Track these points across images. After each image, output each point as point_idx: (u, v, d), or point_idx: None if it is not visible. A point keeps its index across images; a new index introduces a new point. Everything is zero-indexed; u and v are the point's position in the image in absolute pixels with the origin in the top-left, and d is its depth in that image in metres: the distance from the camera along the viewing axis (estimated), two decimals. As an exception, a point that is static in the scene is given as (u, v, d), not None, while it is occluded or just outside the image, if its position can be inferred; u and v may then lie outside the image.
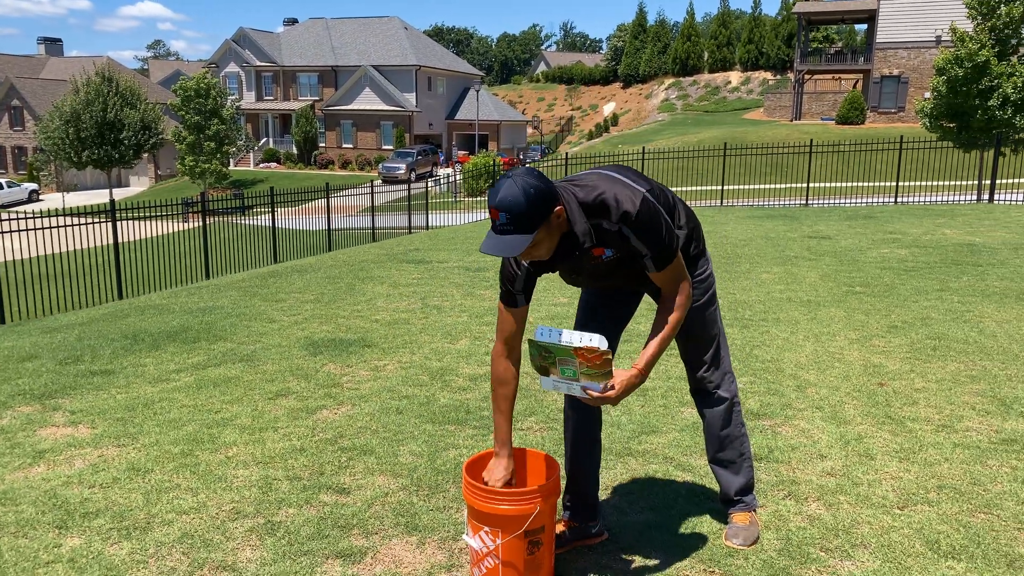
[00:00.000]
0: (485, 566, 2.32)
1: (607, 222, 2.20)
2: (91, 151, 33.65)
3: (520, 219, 2.04)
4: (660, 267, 2.26)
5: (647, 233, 2.20)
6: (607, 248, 2.25)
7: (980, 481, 3.07)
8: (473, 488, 2.30)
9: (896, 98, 38.19)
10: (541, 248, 2.15)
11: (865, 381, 4.31)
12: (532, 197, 2.05)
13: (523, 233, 2.06)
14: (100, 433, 3.63)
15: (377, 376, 4.48)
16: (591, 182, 2.24)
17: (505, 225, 2.05)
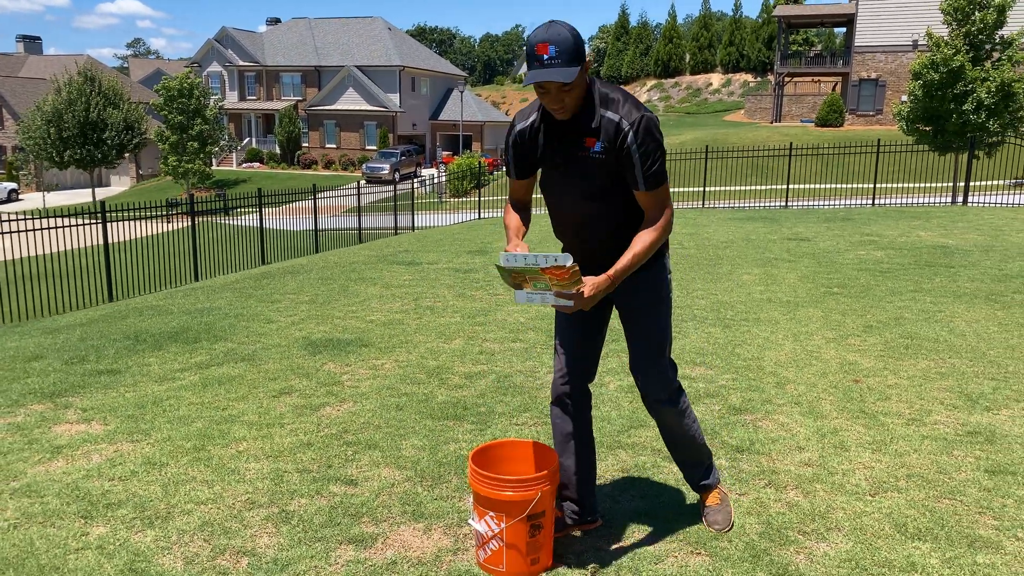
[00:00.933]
0: (490, 548, 2.52)
1: (614, 115, 2.34)
2: (73, 151, 33.49)
3: (567, 52, 2.22)
4: (649, 187, 2.37)
5: (645, 142, 2.33)
6: (599, 141, 2.36)
7: (946, 470, 3.31)
8: (480, 476, 2.49)
9: (874, 101, 38.77)
10: (572, 96, 2.30)
11: (841, 378, 4.54)
12: (576, 35, 2.25)
13: (569, 66, 2.23)
14: (113, 429, 3.78)
15: (376, 375, 4.66)
16: (613, 87, 2.43)
17: (554, 58, 2.22)
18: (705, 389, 4.35)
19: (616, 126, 2.34)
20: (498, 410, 4.05)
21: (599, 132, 2.35)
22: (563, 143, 2.43)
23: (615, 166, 2.39)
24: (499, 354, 5.11)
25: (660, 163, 2.37)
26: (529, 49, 2.28)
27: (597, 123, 2.36)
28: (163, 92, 35.84)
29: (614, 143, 2.34)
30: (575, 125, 2.39)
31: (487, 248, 10.39)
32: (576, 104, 2.34)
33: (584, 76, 2.31)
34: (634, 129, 2.32)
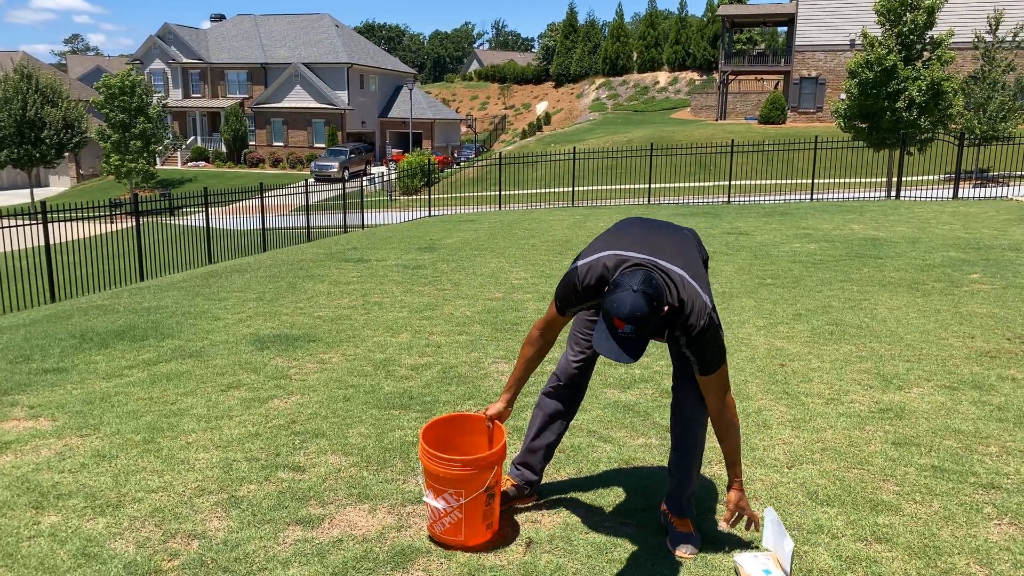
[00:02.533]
0: (447, 522, 2.67)
1: (672, 316, 2.44)
2: (10, 150, 32.53)
3: (643, 329, 2.26)
4: (705, 373, 2.52)
5: (701, 346, 2.46)
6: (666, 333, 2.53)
7: (857, 443, 3.57)
8: (436, 458, 2.66)
9: (815, 99, 39.84)
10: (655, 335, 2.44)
11: (768, 363, 4.81)
12: (656, 309, 2.27)
13: (644, 343, 2.29)
14: (61, 425, 3.84)
15: (323, 368, 4.77)
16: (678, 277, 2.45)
17: (630, 335, 2.25)
18: (640, 375, 4.57)
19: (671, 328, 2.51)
20: (443, 399, 4.20)
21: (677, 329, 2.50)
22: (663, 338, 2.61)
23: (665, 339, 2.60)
24: (445, 346, 5.26)
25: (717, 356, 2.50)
26: (605, 313, 2.29)
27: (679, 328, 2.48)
28: (104, 90, 35.01)
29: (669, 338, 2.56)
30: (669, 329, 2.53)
31: (435, 245, 10.52)
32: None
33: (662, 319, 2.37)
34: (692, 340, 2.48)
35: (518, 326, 5.78)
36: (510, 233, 11.87)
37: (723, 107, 44.74)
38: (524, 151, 38.14)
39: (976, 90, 26.11)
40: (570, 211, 17.27)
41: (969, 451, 3.47)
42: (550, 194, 25.10)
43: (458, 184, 29.56)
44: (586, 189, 23.52)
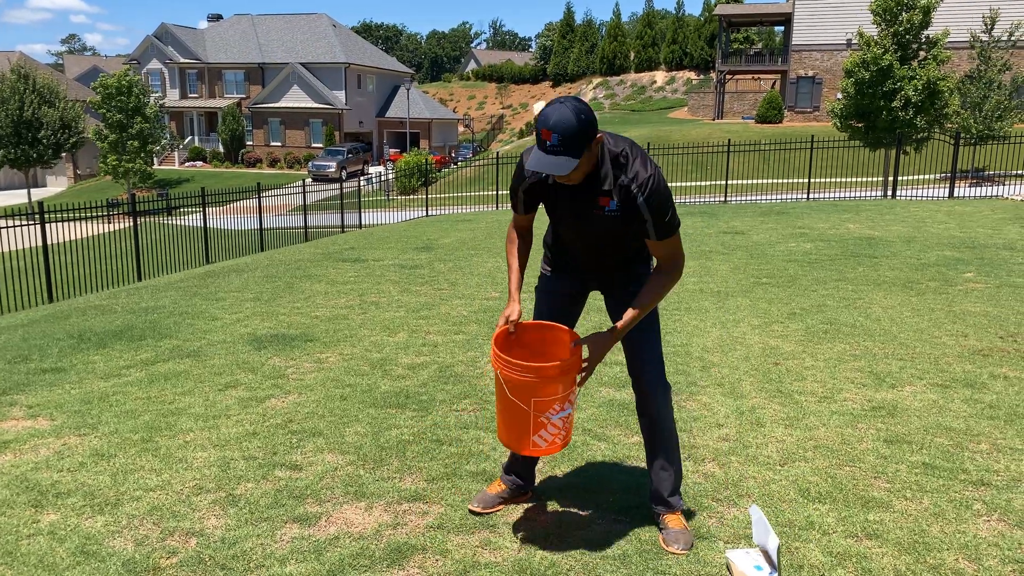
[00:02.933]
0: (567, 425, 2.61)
1: (624, 177, 2.43)
2: (7, 151, 32.52)
3: (570, 141, 2.25)
4: (660, 237, 2.48)
5: (655, 200, 2.42)
6: (613, 200, 2.45)
7: (849, 441, 3.60)
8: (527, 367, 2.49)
9: (811, 98, 39.92)
10: (578, 171, 2.38)
11: (762, 361, 4.84)
12: (583, 122, 2.27)
13: (571, 156, 2.28)
14: (60, 424, 3.86)
15: (320, 367, 4.80)
16: (619, 140, 2.49)
17: (556, 146, 2.26)
18: (635, 374, 4.59)
19: (627, 190, 2.44)
20: (439, 398, 4.23)
21: (612, 193, 2.46)
22: (575, 201, 2.53)
23: (627, 221, 2.50)
24: (442, 346, 5.29)
25: (671, 213, 2.48)
26: (536, 127, 2.34)
27: (610, 186, 2.45)
28: (101, 90, 35.00)
29: (626, 204, 2.46)
30: (588, 185, 2.48)
31: (433, 244, 10.55)
32: (583, 175, 2.43)
33: (592, 152, 2.36)
34: (644, 193, 2.42)
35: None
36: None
37: (720, 106, 44.81)
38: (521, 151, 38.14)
39: (972, 89, 26.18)
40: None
41: (960, 448, 3.50)
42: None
43: (456, 184, 29.59)
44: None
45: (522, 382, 2.48)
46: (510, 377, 2.50)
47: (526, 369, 2.48)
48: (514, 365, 2.49)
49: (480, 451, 3.51)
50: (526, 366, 2.48)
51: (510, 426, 2.60)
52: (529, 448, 2.59)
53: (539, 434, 2.55)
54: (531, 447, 2.59)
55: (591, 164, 2.42)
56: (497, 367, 2.53)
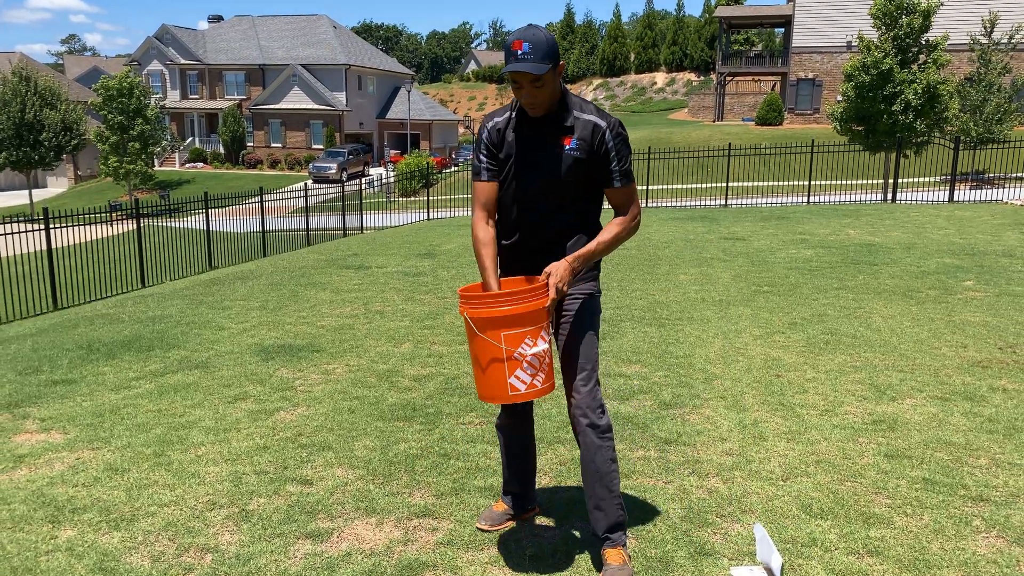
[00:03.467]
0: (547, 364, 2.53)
1: (588, 115, 2.58)
2: (9, 153, 32.58)
3: (539, 50, 2.44)
4: (623, 183, 2.61)
5: (619, 140, 2.58)
6: (574, 139, 2.56)
7: (850, 456, 3.66)
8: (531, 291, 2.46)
9: (811, 100, 39.98)
10: (544, 92, 2.51)
11: (764, 373, 4.90)
12: (550, 38, 2.48)
13: (541, 63, 2.44)
14: (73, 438, 3.92)
15: (328, 379, 4.86)
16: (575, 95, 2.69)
17: (527, 54, 2.43)
18: (639, 386, 4.66)
19: (594, 125, 2.57)
20: (445, 411, 4.29)
21: (574, 131, 2.57)
22: (538, 139, 2.61)
23: (588, 164, 2.60)
24: (447, 356, 5.35)
25: (630, 161, 2.66)
26: (506, 46, 2.52)
27: (572, 123, 2.58)
28: (102, 92, 35.07)
29: (591, 142, 2.57)
30: (550, 123, 2.59)
31: (435, 251, 10.60)
32: (549, 102, 2.55)
33: (557, 79, 2.52)
34: (611, 129, 2.58)
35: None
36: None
37: (720, 108, 44.88)
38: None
39: (972, 92, 26.26)
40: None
41: (959, 463, 3.56)
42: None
43: (456, 185, 29.66)
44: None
45: (489, 317, 2.44)
46: (478, 316, 2.46)
47: (491, 298, 2.46)
48: (480, 299, 2.47)
49: (487, 466, 3.57)
50: (492, 295, 2.48)
51: (486, 374, 2.52)
52: (508, 394, 2.49)
53: (515, 375, 2.47)
54: (510, 392, 2.49)
55: (554, 95, 2.56)
56: (463, 310, 2.51)
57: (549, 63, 2.46)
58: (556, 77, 2.52)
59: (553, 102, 2.58)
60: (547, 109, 2.58)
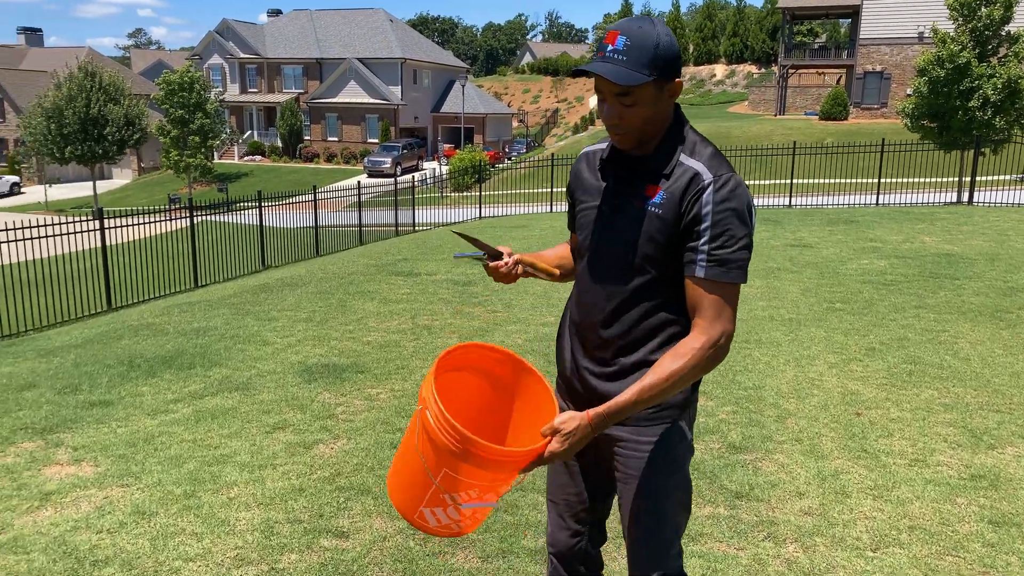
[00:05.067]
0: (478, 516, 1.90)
1: (692, 160, 1.75)
2: (74, 147, 33.42)
3: (638, 51, 1.68)
4: (713, 274, 1.70)
5: (726, 209, 1.69)
6: (663, 192, 1.74)
7: (949, 521, 3.24)
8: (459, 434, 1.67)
9: (879, 94, 38.55)
10: (635, 115, 1.73)
11: (843, 411, 4.47)
12: (662, 39, 1.70)
13: (633, 70, 1.68)
14: (103, 472, 3.73)
15: (371, 406, 4.60)
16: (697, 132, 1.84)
17: (619, 51, 1.69)
18: (705, 424, 4.28)
19: (694, 175, 1.72)
20: (494, 448, 3.98)
21: (668, 178, 1.75)
22: (622, 183, 1.83)
23: (670, 230, 1.74)
24: (496, 381, 5.04)
25: (738, 249, 1.70)
26: (600, 38, 1.92)
27: (671, 168, 1.76)
28: (164, 86, 35.74)
29: (682, 198, 1.72)
30: (643, 164, 1.80)
31: (487, 256, 10.31)
32: (643, 131, 1.77)
33: (664, 100, 1.75)
34: (716, 185, 1.70)
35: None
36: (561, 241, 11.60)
37: (782, 102, 43.62)
38: (577, 147, 37.77)
39: (1054, 86, 24.83)
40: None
41: (1078, 535, 3.12)
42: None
43: (510, 181, 29.38)
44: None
45: (442, 445, 1.68)
46: (430, 428, 1.70)
47: (459, 437, 1.66)
48: (444, 422, 1.67)
49: (538, 522, 3.25)
50: (458, 432, 1.65)
51: (402, 479, 1.86)
52: (413, 519, 1.86)
53: (432, 510, 1.81)
54: (416, 519, 1.85)
55: (655, 123, 1.77)
56: (423, 401, 1.74)
57: (649, 73, 1.69)
58: (662, 97, 1.74)
59: (654, 133, 1.79)
60: (639, 142, 1.79)
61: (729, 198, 1.70)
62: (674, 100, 1.79)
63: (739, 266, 1.71)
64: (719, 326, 1.71)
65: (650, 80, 1.70)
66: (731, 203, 1.70)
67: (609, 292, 1.84)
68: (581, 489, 2.01)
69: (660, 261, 1.78)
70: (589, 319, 1.89)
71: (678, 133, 1.80)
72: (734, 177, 1.72)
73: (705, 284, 1.71)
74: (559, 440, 1.71)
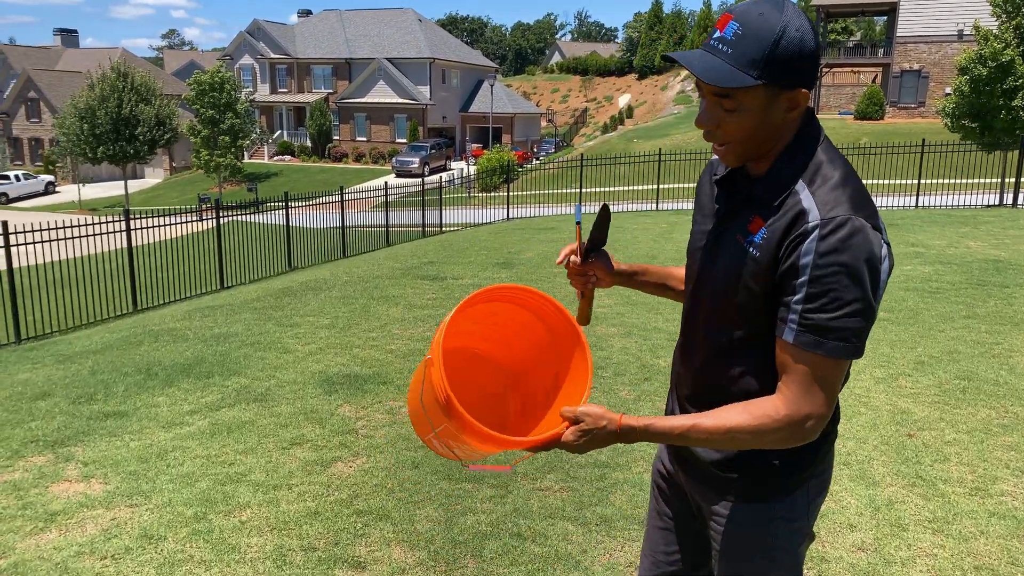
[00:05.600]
0: None
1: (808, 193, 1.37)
2: (106, 147, 33.78)
3: (747, 42, 1.33)
4: (801, 340, 1.34)
5: (833, 263, 1.31)
6: (765, 228, 1.40)
7: (1018, 560, 2.96)
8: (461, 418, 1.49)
9: (916, 93, 37.71)
10: (737, 124, 1.40)
11: (894, 431, 4.19)
12: (788, 29, 1.33)
13: (736, 66, 1.34)
14: (112, 491, 3.57)
15: (393, 420, 4.40)
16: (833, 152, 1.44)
17: (725, 41, 1.35)
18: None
19: (798, 215, 1.36)
20: (520, 469, 3.76)
21: (774, 213, 1.40)
22: (729, 207, 1.51)
23: (768, 281, 1.40)
24: (524, 395, 4.82)
25: (843, 315, 1.32)
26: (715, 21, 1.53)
27: (782, 199, 1.40)
28: (195, 86, 36.00)
29: (780, 241, 1.37)
30: (752, 188, 1.47)
31: (513, 260, 10.10)
32: (746, 146, 1.43)
33: (777, 111, 1.39)
34: (824, 232, 1.32)
35: (603, 370, 5.29)
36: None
37: (816, 101, 42.86)
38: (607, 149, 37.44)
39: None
40: (655, 217, 16.61)
41: None
42: (634, 192, 24.39)
43: (538, 181, 29.14)
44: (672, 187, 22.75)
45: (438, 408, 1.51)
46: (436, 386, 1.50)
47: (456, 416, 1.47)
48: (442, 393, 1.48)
49: (568, 554, 3.03)
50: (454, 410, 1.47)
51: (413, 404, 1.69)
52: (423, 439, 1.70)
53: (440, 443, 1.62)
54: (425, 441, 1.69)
55: (766, 136, 1.41)
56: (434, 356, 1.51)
57: (757, 74, 1.34)
58: (776, 108, 1.38)
59: (765, 149, 1.44)
60: (745, 158, 1.46)
61: (839, 249, 1.31)
62: (796, 114, 1.41)
63: (841, 337, 1.33)
64: (806, 405, 1.37)
65: (757, 84, 1.35)
66: (840, 256, 1.31)
67: (699, 343, 1.57)
68: (674, 551, 1.76)
69: (753, 316, 1.45)
70: (680, 366, 1.65)
71: (802, 152, 1.42)
72: (853, 221, 1.32)
73: (792, 351, 1.37)
74: (574, 433, 1.48)
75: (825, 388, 1.37)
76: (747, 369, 1.48)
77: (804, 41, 1.35)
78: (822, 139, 1.45)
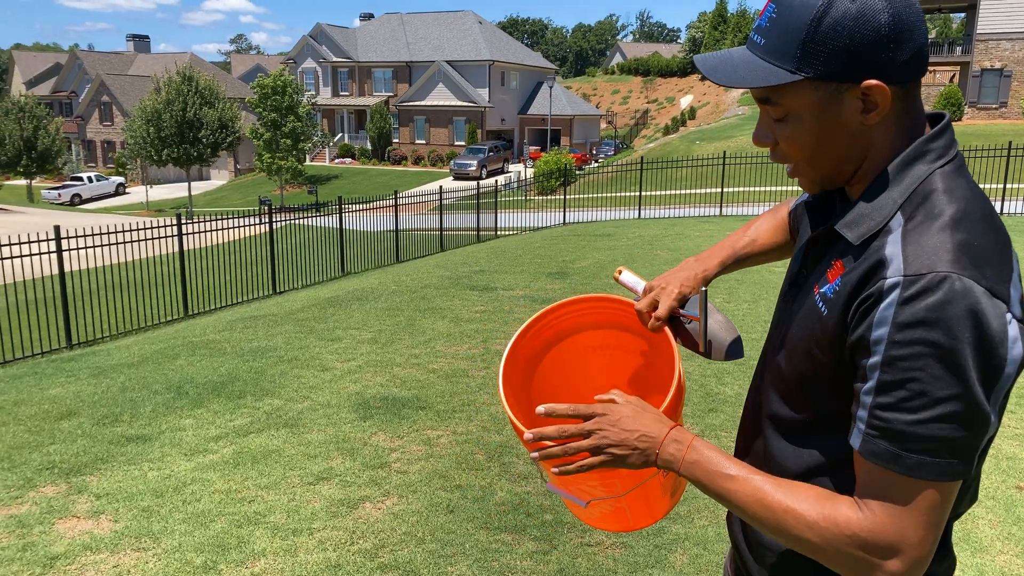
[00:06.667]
0: None
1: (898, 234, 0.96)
2: (171, 149, 34.49)
3: (781, 30, 0.99)
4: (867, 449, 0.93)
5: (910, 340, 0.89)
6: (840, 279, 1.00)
7: None
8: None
9: (998, 93, 35.91)
10: (793, 140, 1.04)
11: (1000, 483, 3.64)
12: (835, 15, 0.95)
13: (768, 60, 1.01)
14: (121, 530, 3.28)
15: (430, 453, 4.03)
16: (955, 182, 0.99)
17: (761, 30, 1.02)
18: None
19: (876, 265, 0.96)
20: (566, 519, 3.35)
21: (855, 258, 1.00)
22: (815, 246, 1.12)
23: (836, 350, 1.00)
24: (574, 425, 4.40)
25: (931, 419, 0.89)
26: None
27: (866, 238, 1.00)
28: (258, 90, 36.51)
29: (850, 297, 0.98)
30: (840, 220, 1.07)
31: (568, 269, 9.67)
32: (817, 167, 1.06)
33: (847, 113, 1.00)
34: (906, 293, 0.90)
35: (662, 398, 4.81)
36: (650, 254, 10.84)
37: (887, 101, 41.24)
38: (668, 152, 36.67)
39: None
40: (719, 222, 15.98)
41: None
42: (696, 196, 23.69)
43: (596, 184, 28.58)
44: (736, 191, 21.98)
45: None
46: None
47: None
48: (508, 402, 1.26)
49: (619, 632, 2.60)
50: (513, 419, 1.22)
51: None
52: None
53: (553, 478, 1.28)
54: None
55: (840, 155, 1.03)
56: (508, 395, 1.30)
57: (795, 66, 0.98)
58: (843, 109, 0.99)
59: (849, 168, 1.05)
60: (826, 184, 1.08)
61: (926, 321, 0.88)
62: (877, 117, 0.99)
63: (928, 450, 0.89)
64: (890, 531, 0.91)
65: (796, 79, 0.98)
66: (931, 332, 0.88)
67: (758, 419, 1.18)
68: None
69: (817, 393, 1.04)
70: (739, 437, 1.27)
71: (912, 173, 0.99)
72: (952, 282, 0.89)
73: (863, 464, 0.95)
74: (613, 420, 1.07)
75: (917, 516, 0.91)
76: (816, 467, 1.06)
77: (865, 15, 0.95)
78: (948, 158, 1.00)
